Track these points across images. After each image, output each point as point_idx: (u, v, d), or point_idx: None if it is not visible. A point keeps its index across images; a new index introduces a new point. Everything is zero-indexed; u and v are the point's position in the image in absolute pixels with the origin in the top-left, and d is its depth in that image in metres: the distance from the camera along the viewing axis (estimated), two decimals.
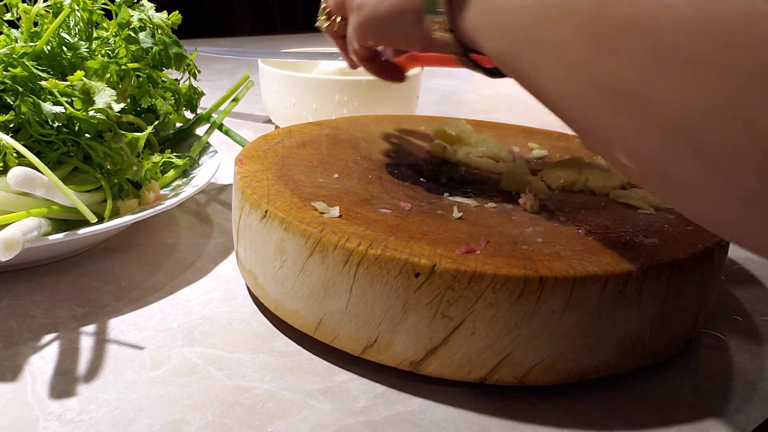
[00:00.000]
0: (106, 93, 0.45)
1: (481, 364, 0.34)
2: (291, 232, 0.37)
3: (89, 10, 0.52)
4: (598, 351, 0.35)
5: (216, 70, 1.02)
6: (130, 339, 0.39)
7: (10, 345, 0.38)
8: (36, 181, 0.40)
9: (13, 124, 0.44)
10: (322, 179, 0.44)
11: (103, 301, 0.43)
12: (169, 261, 0.49)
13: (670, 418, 0.35)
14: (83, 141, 0.46)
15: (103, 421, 0.33)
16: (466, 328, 0.34)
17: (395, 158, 0.50)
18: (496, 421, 0.34)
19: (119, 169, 0.47)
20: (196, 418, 0.33)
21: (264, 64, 0.79)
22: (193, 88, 0.59)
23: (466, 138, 0.53)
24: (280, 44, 1.10)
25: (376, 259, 0.34)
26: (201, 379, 0.36)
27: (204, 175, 0.53)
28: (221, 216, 0.57)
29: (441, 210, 0.41)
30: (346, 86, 0.74)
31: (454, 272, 0.33)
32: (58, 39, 0.49)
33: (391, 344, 0.35)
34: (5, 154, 0.42)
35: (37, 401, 0.34)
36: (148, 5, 0.53)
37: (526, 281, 0.33)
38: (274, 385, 0.36)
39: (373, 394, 0.36)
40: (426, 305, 0.34)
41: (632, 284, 0.34)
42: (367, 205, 0.40)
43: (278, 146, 0.49)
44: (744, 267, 0.53)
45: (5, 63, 0.45)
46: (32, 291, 0.44)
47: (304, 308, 0.37)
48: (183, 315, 0.42)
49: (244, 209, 0.41)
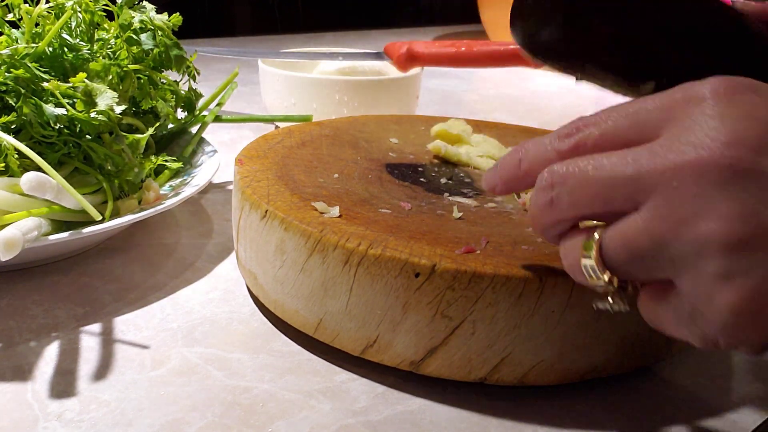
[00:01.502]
0: (108, 95, 0.45)
1: (481, 364, 0.34)
2: (291, 232, 0.37)
3: (91, 12, 0.52)
4: (597, 351, 0.35)
5: (216, 70, 1.02)
6: (130, 339, 0.39)
7: (10, 345, 0.38)
8: (46, 185, 0.40)
9: (15, 125, 0.44)
10: (322, 179, 0.44)
11: (103, 301, 0.43)
12: (169, 261, 0.49)
13: (670, 418, 0.35)
14: (84, 142, 0.46)
15: (103, 421, 0.33)
16: (465, 329, 0.34)
17: (395, 158, 0.50)
18: (496, 421, 0.34)
19: (120, 170, 0.47)
20: (196, 418, 0.33)
21: (264, 64, 0.79)
22: (192, 90, 0.59)
23: (466, 138, 0.53)
24: (280, 44, 1.10)
25: (376, 259, 0.34)
26: (201, 379, 0.36)
27: (204, 175, 0.53)
28: (221, 216, 0.57)
29: (441, 210, 0.41)
30: (346, 86, 0.74)
31: (454, 272, 0.33)
32: (59, 40, 0.49)
33: (391, 344, 0.35)
34: (6, 155, 0.42)
35: (37, 401, 0.34)
36: (149, 7, 0.53)
37: (526, 281, 0.33)
38: (274, 385, 0.36)
39: (373, 394, 0.36)
40: (426, 305, 0.34)
41: (632, 284, 0.34)
42: (367, 205, 0.41)
43: (278, 146, 0.49)
44: None
45: (7, 64, 0.45)
46: (32, 291, 0.44)
47: (304, 308, 0.38)
48: (183, 315, 0.42)
49: (244, 209, 0.41)
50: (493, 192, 0.32)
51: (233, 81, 0.65)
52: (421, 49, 0.75)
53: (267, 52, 0.87)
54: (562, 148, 0.29)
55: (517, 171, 0.30)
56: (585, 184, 0.27)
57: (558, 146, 0.29)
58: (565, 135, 0.29)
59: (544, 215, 0.29)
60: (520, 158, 0.30)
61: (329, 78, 0.75)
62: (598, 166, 0.27)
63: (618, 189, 0.26)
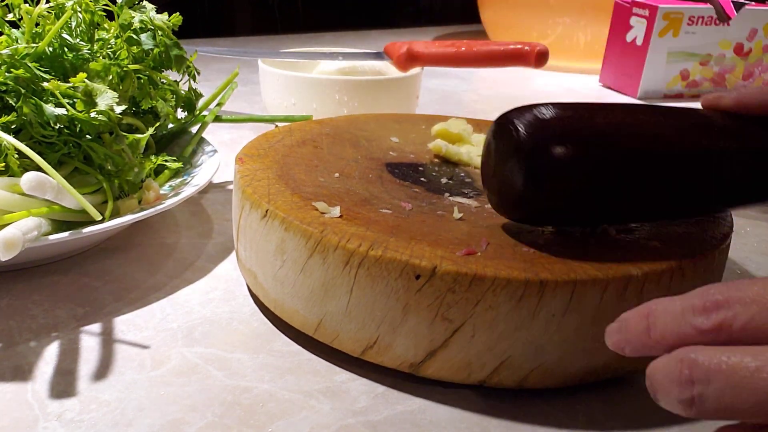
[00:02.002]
0: (108, 95, 0.45)
1: (480, 367, 0.34)
2: (291, 232, 0.37)
3: (91, 12, 0.52)
4: (598, 354, 0.35)
5: (216, 70, 1.02)
6: (130, 339, 0.39)
7: (10, 345, 0.38)
8: (47, 185, 0.40)
9: (15, 125, 0.44)
10: (322, 178, 0.44)
11: (103, 301, 0.43)
12: (169, 261, 0.49)
13: (670, 418, 0.35)
14: (84, 142, 0.46)
15: (103, 421, 0.33)
16: (466, 331, 0.34)
17: (396, 157, 0.50)
18: (496, 422, 0.34)
19: (120, 170, 0.47)
20: (196, 418, 0.33)
21: (264, 64, 0.79)
22: (192, 90, 0.59)
23: (467, 137, 0.53)
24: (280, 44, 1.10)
25: (377, 260, 0.34)
26: (201, 379, 0.36)
27: (204, 174, 0.53)
28: (221, 216, 0.57)
29: (442, 210, 0.41)
30: (346, 86, 0.74)
31: (454, 274, 0.33)
32: (59, 40, 0.49)
33: (391, 346, 0.35)
34: (6, 155, 0.42)
35: (37, 401, 0.34)
36: (149, 7, 0.53)
37: (526, 284, 0.33)
38: (274, 385, 0.36)
39: (373, 394, 0.36)
40: (426, 307, 0.34)
41: (633, 288, 0.34)
42: (367, 205, 0.40)
43: (279, 145, 0.49)
44: (744, 268, 0.53)
45: (7, 64, 0.45)
46: (32, 291, 0.44)
47: (304, 308, 0.38)
48: (183, 315, 0.42)
49: (244, 208, 0.41)
50: (623, 353, 0.28)
51: (233, 81, 0.65)
52: (421, 49, 0.75)
53: (267, 52, 0.87)
54: (703, 327, 0.24)
55: (646, 339, 0.26)
56: (741, 390, 0.22)
57: (696, 323, 0.25)
58: (704, 309, 0.25)
59: (680, 411, 0.25)
60: (647, 325, 0.26)
61: (329, 78, 0.75)
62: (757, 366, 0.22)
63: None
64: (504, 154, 0.36)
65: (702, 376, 0.23)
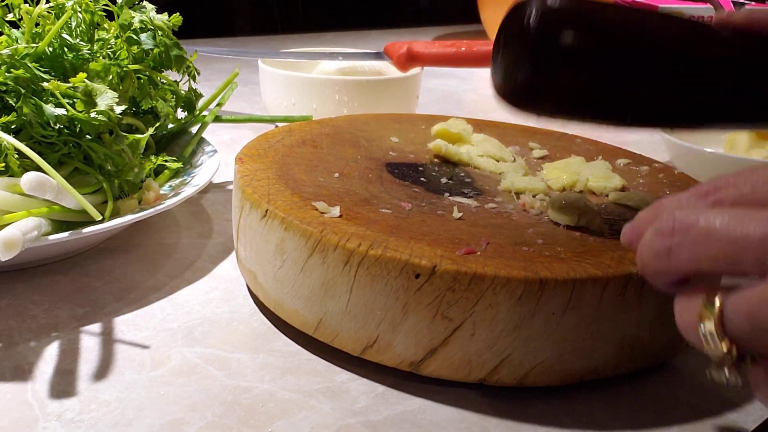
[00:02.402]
0: (108, 95, 0.45)
1: (480, 365, 0.34)
2: (291, 231, 0.37)
3: (91, 12, 0.52)
4: (597, 353, 0.35)
5: (216, 70, 1.02)
6: (130, 339, 0.39)
7: (10, 345, 0.38)
8: (47, 185, 0.41)
9: (15, 125, 0.44)
10: (322, 178, 0.44)
11: (103, 301, 0.43)
12: (169, 261, 0.49)
13: (670, 418, 0.35)
14: (84, 142, 0.46)
15: (103, 421, 0.33)
16: (465, 330, 0.34)
17: (396, 157, 0.50)
18: (496, 421, 0.34)
19: (120, 170, 0.47)
20: (196, 418, 0.33)
21: (264, 64, 0.79)
22: (192, 90, 0.59)
23: (467, 137, 0.53)
24: (280, 44, 1.09)
25: (377, 259, 0.34)
26: (201, 379, 0.36)
27: (204, 174, 0.53)
28: (221, 216, 0.57)
29: (441, 210, 0.41)
30: (346, 86, 0.74)
31: (454, 273, 0.33)
32: (59, 40, 0.49)
33: (391, 345, 0.35)
34: (6, 155, 0.42)
35: (37, 401, 0.34)
36: (149, 7, 0.53)
37: (526, 283, 0.33)
38: (274, 385, 0.36)
39: (373, 394, 0.36)
40: (426, 306, 0.34)
41: (632, 286, 0.34)
42: (367, 204, 0.40)
43: (278, 144, 0.49)
44: None
45: (7, 64, 0.45)
46: (32, 291, 0.44)
47: (304, 308, 0.38)
48: (183, 315, 0.42)
49: (244, 208, 0.41)
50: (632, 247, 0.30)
51: (233, 81, 0.65)
52: (421, 49, 0.75)
53: (267, 52, 0.87)
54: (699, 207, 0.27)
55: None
56: (710, 239, 0.25)
57: (699, 205, 0.27)
58: (704, 193, 0.27)
59: (657, 262, 0.27)
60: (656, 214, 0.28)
61: (329, 78, 0.75)
62: (729, 221, 0.24)
63: (748, 250, 0.24)
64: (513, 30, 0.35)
65: (681, 227, 0.26)
